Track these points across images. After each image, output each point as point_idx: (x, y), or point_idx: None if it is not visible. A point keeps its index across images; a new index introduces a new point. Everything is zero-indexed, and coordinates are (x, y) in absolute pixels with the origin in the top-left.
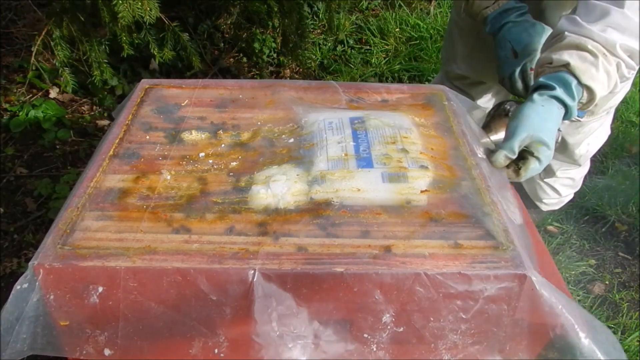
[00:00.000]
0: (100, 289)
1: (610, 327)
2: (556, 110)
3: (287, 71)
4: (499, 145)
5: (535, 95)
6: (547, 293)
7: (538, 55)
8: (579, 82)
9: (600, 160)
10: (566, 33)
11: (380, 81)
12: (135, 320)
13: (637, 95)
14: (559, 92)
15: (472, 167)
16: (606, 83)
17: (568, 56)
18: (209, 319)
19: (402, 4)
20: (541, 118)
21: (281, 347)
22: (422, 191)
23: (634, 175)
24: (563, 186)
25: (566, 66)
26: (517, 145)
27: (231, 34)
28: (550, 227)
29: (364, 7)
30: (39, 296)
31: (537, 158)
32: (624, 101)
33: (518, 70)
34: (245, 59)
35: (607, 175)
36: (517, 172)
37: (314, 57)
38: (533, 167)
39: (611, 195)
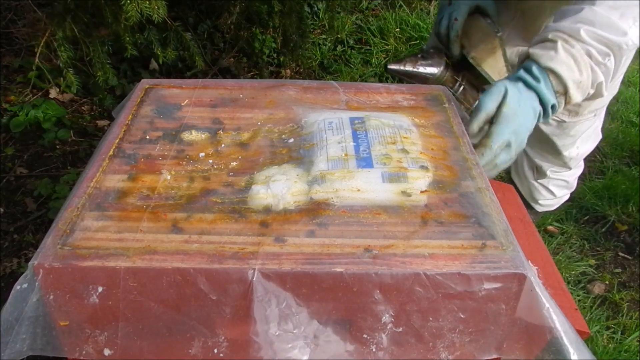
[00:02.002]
0: (100, 289)
1: (610, 327)
2: (524, 90)
3: (287, 71)
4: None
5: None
6: (543, 295)
7: (463, 7)
8: (540, 66)
9: (600, 160)
10: (536, 38)
11: (380, 81)
12: (134, 320)
13: (637, 96)
14: (520, 72)
15: (472, 167)
16: (574, 66)
17: (530, 49)
18: (208, 319)
19: (402, 4)
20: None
21: (281, 347)
22: (422, 191)
23: (634, 175)
24: (557, 187)
25: (527, 56)
26: (476, 125)
27: (231, 34)
28: (550, 227)
29: (364, 7)
30: (38, 296)
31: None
32: (624, 101)
33: (445, 15)
34: (245, 59)
35: (607, 175)
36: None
37: (314, 57)
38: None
39: (611, 195)
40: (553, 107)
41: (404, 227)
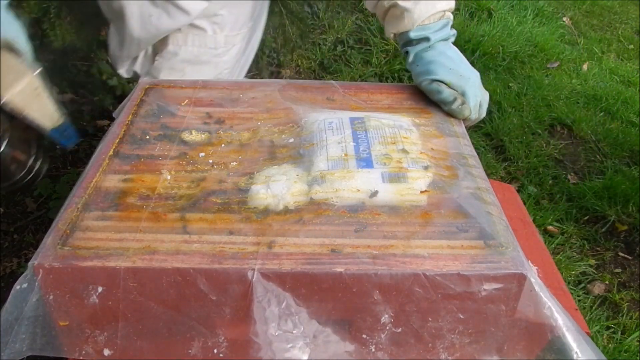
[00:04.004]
0: (100, 289)
1: (610, 327)
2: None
3: (287, 71)
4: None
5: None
6: (544, 295)
7: None
8: (413, 30)
9: (600, 160)
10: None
11: (380, 81)
12: (134, 320)
13: (637, 96)
14: (415, 52)
15: (472, 167)
16: None
17: (389, 33)
18: (208, 319)
19: None
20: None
21: (280, 347)
22: (422, 191)
23: (634, 175)
24: None
25: (396, 36)
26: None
27: None
28: (550, 227)
29: (364, 7)
30: (38, 296)
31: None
32: (624, 101)
33: None
34: None
35: (607, 175)
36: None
37: (314, 57)
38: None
39: (611, 195)
40: (451, 28)
41: (403, 228)
